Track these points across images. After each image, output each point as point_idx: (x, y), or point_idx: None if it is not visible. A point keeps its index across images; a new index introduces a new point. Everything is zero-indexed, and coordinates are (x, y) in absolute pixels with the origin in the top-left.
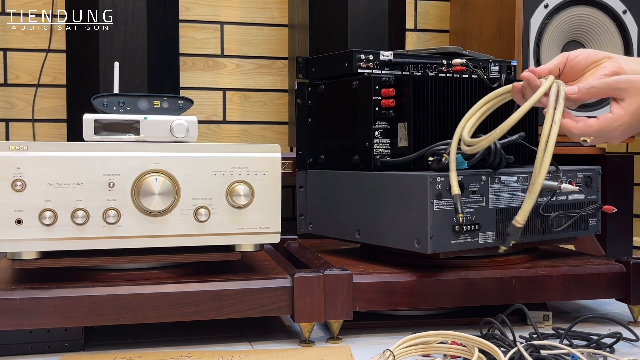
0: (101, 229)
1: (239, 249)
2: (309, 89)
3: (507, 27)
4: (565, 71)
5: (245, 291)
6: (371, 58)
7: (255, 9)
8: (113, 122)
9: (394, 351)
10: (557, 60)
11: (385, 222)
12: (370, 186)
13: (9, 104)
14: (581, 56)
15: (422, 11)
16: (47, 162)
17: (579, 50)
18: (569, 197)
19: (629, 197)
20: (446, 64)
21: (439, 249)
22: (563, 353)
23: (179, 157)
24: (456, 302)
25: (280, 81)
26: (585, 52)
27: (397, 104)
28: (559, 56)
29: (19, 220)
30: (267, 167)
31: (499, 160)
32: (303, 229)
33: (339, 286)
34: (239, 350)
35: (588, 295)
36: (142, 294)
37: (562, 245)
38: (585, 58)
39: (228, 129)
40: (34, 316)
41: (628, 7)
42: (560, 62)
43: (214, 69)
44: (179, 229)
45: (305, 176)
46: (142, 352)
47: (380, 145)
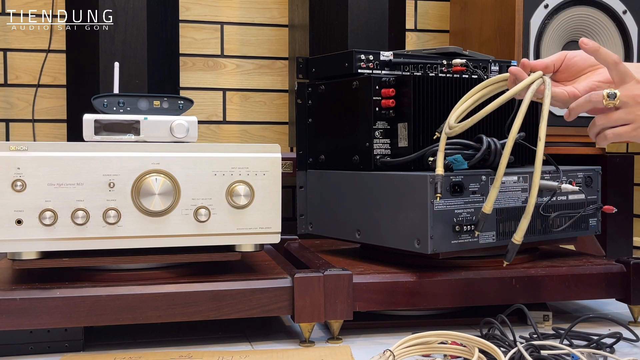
0: (101, 229)
1: (239, 249)
2: (309, 89)
3: (507, 27)
4: (562, 70)
5: (245, 291)
6: (371, 58)
7: (255, 9)
8: (113, 122)
9: (394, 351)
10: (555, 57)
11: (385, 222)
12: (370, 186)
13: (9, 104)
14: (578, 57)
15: (422, 11)
16: (47, 162)
17: (579, 51)
18: (569, 197)
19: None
20: (446, 64)
21: (439, 249)
22: (563, 353)
23: (179, 157)
24: (456, 302)
25: (280, 81)
26: (584, 54)
27: (397, 104)
28: (558, 53)
29: (19, 220)
30: (267, 167)
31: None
32: (303, 229)
33: (339, 286)
34: (239, 350)
35: (588, 295)
36: (142, 294)
37: (562, 245)
38: (583, 60)
39: (228, 129)
40: (34, 316)
41: (628, 7)
42: (558, 59)
43: (214, 69)
44: (179, 229)
45: (305, 176)
46: (142, 352)
47: (381, 145)
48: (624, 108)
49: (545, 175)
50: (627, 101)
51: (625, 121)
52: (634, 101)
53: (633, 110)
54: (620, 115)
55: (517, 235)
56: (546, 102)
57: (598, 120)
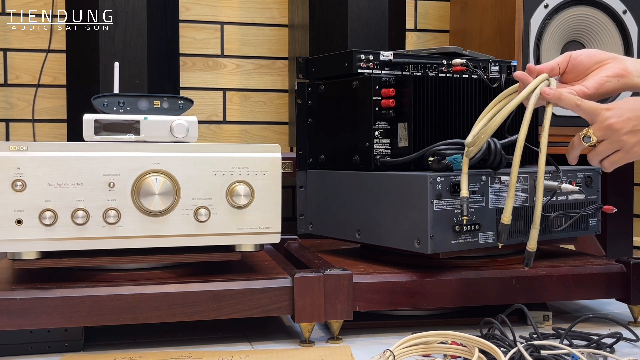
0: (101, 229)
1: (239, 249)
2: (309, 89)
3: (507, 27)
4: (568, 70)
5: (245, 291)
6: (371, 58)
7: (255, 9)
8: (113, 122)
9: (394, 351)
10: (559, 59)
11: (386, 222)
12: (370, 186)
13: (9, 104)
14: (583, 55)
15: (422, 11)
16: (47, 162)
17: (583, 50)
18: (569, 197)
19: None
20: (446, 64)
21: (439, 249)
22: (563, 353)
23: (179, 157)
24: (456, 302)
25: (280, 81)
26: (588, 52)
27: (397, 104)
28: (562, 55)
29: (19, 220)
30: (267, 167)
31: (499, 160)
32: (303, 229)
33: (339, 286)
34: (239, 350)
35: (588, 295)
36: (142, 294)
37: (562, 245)
38: (589, 57)
39: (228, 129)
40: (34, 316)
41: (628, 7)
42: (562, 60)
43: (214, 69)
44: (179, 229)
45: (305, 176)
46: (142, 352)
47: (381, 145)
48: (606, 139)
49: (545, 175)
50: (604, 134)
51: (612, 149)
52: (611, 130)
53: (614, 138)
54: (605, 146)
55: (530, 244)
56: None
57: (590, 157)
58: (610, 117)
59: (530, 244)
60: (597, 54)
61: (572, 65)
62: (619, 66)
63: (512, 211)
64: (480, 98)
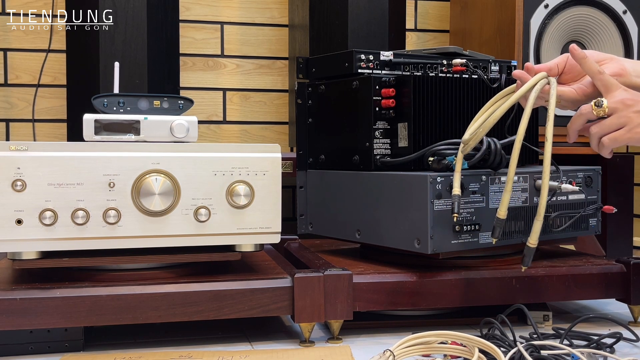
0: (101, 229)
1: (239, 249)
2: (309, 89)
3: (507, 27)
4: (566, 70)
5: (245, 291)
6: (371, 58)
7: (255, 9)
8: (113, 122)
9: (394, 351)
10: (558, 59)
11: (386, 222)
12: (370, 186)
13: (9, 104)
14: None
15: (422, 11)
16: (48, 162)
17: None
18: (569, 197)
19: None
20: (446, 64)
21: (439, 249)
22: (563, 353)
23: (179, 157)
24: (456, 302)
25: (280, 81)
26: (586, 52)
27: (397, 104)
28: (561, 55)
29: (19, 220)
30: (267, 167)
31: (499, 160)
32: (303, 229)
33: (339, 286)
34: (239, 350)
35: (588, 295)
36: (142, 294)
37: (562, 245)
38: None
39: (228, 129)
40: (34, 316)
41: (628, 7)
42: (561, 61)
43: (214, 69)
44: (179, 229)
45: (305, 176)
46: (142, 352)
47: (381, 145)
48: (615, 114)
49: None
50: (617, 107)
51: (618, 125)
52: (623, 105)
53: (624, 113)
54: (612, 120)
55: (532, 238)
56: (552, 102)
57: (593, 129)
58: (625, 94)
59: (531, 239)
60: (595, 55)
61: (570, 65)
62: (617, 66)
63: (507, 206)
64: (480, 98)
